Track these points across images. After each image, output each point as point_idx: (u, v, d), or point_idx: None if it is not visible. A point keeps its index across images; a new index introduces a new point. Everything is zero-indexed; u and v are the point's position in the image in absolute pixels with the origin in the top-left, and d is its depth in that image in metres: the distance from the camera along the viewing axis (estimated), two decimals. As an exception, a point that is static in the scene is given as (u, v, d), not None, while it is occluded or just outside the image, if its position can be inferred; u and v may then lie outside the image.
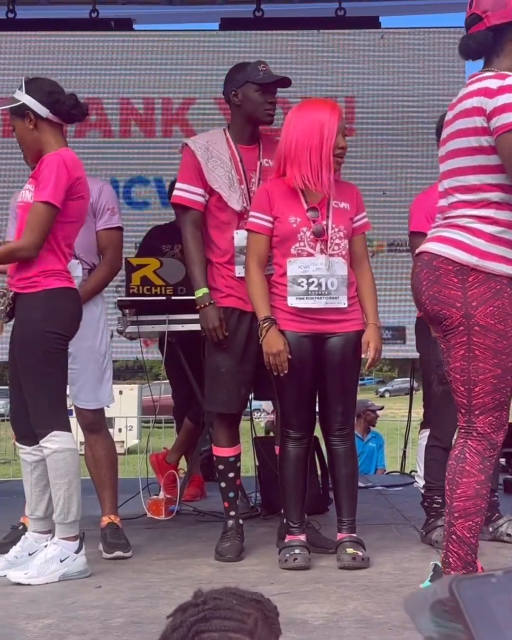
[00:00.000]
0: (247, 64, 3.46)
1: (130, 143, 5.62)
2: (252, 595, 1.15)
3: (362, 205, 3.29)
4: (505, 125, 2.28)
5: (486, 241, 2.33)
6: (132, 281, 4.10)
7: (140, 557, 3.32)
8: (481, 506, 2.34)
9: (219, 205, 3.34)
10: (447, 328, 2.38)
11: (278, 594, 2.69)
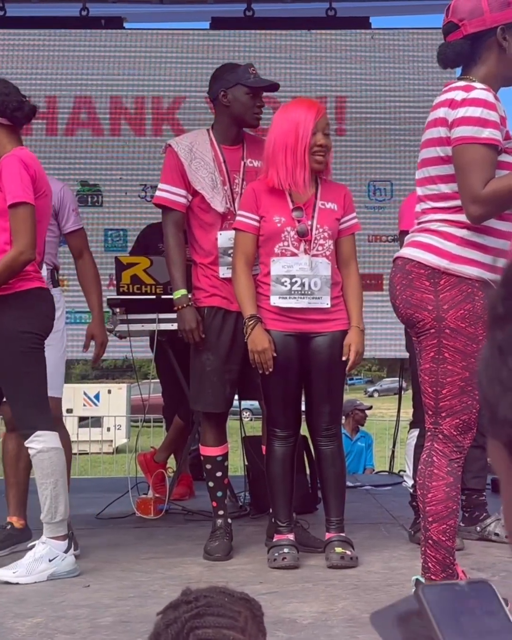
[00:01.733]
0: (237, 66, 3.46)
1: (120, 141, 5.61)
2: (240, 594, 1.16)
3: (351, 206, 3.29)
4: (459, 138, 2.31)
5: (457, 244, 2.35)
6: (122, 280, 4.10)
7: (129, 556, 3.32)
8: (453, 508, 2.35)
9: (202, 206, 3.35)
10: (419, 330, 2.40)
11: (267, 593, 2.69)
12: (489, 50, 2.39)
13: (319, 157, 3.15)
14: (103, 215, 5.59)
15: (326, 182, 3.24)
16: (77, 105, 5.60)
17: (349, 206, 3.27)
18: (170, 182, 3.39)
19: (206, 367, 3.35)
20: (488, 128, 2.28)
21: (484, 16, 2.37)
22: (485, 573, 2.90)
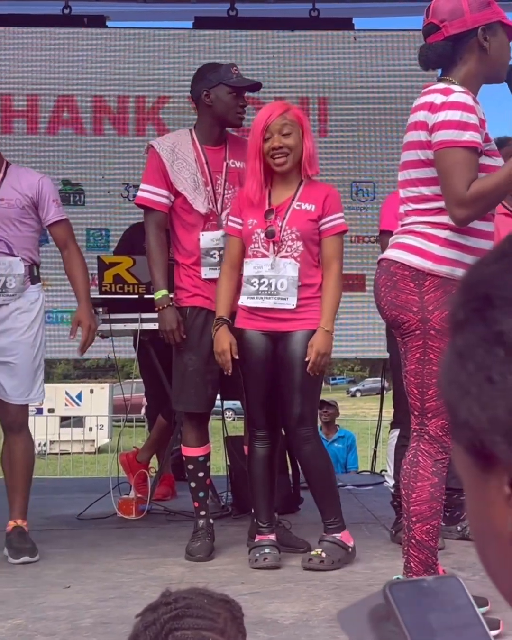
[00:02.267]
0: (219, 65, 3.46)
1: (103, 140, 5.59)
2: (220, 595, 1.16)
3: (335, 207, 3.24)
4: (440, 142, 2.32)
5: (440, 246, 2.36)
6: (105, 279, 4.08)
7: (110, 556, 3.31)
8: (437, 509, 2.35)
9: (185, 207, 3.35)
10: (404, 332, 2.41)
11: (248, 594, 2.69)
12: (470, 51, 2.40)
13: (278, 160, 3.15)
14: (85, 214, 5.57)
15: (310, 182, 3.23)
16: (59, 104, 5.57)
17: (332, 206, 3.22)
18: (152, 182, 3.38)
19: (188, 367, 3.35)
20: (468, 131, 2.29)
21: (465, 17, 2.38)
22: (465, 572, 2.91)
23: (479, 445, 0.51)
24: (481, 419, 0.50)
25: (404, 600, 0.53)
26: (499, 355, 0.50)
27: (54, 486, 5.67)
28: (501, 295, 0.51)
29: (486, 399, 0.50)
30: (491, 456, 0.50)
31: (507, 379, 0.49)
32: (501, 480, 0.50)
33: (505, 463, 0.49)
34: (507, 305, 0.50)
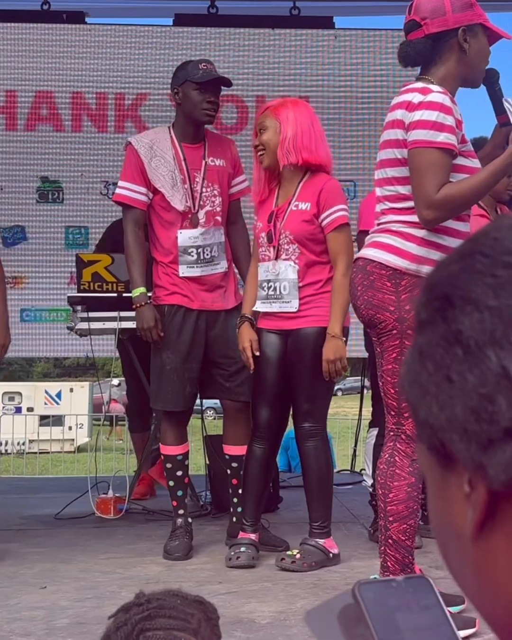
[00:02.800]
0: (190, 62, 3.44)
1: (82, 137, 5.55)
2: (194, 597, 1.15)
3: (330, 201, 3.14)
4: (414, 141, 2.32)
5: (417, 245, 2.36)
6: (83, 277, 4.06)
7: (87, 556, 3.28)
8: (414, 508, 2.36)
9: (163, 205, 3.34)
10: (381, 331, 2.41)
11: (226, 593, 2.68)
12: (449, 51, 2.40)
13: (259, 157, 3.21)
14: (64, 212, 5.54)
15: (310, 178, 3.18)
16: (38, 100, 5.53)
17: (328, 201, 3.13)
18: (130, 179, 3.37)
19: (166, 365, 3.33)
20: (444, 132, 2.29)
21: (447, 16, 2.38)
22: (443, 571, 2.90)
23: (439, 444, 0.51)
24: (440, 418, 0.50)
25: (373, 601, 0.53)
26: (457, 354, 0.50)
27: (32, 485, 5.64)
28: (460, 295, 0.51)
29: (445, 398, 0.50)
30: (451, 455, 0.50)
31: (465, 379, 0.49)
32: (461, 479, 0.50)
33: (464, 462, 0.49)
34: (466, 305, 0.50)
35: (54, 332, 5.49)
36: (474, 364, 0.49)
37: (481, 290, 0.50)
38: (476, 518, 0.49)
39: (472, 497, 0.50)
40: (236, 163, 3.51)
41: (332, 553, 3.11)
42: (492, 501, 0.49)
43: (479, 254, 0.52)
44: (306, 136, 3.16)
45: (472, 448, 0.48)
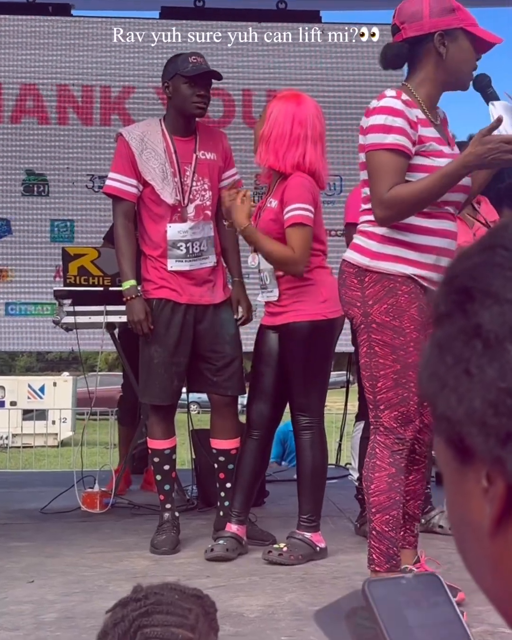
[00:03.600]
0: (180, 55, 3.42)
1: (68, 130, 5.52)
2: (192, 591, 1.15)
3: (289, 198, 3.10)
4: (368, 145, 2.39)
5: (378, 242, 2.42)
6: (69, 271, 4.04)
7: (74, 550, 3.28)
8: (395, 499, 2.38)
9: (152, 198, 3.33)
10: (354, 327, 2.52)
11: (214, 587, 2.69)
12: (427, 56, 2.42)
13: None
14: (49, 205, 5.51)
15: (284, 179, 3.16)
16: (23, 93, 5.50)
17: (289, 198, 3.11)
18: (121, 171, 3.35)
19: (154, 359, 3.33)
20: (391, 134, 2.35)
21: (423, 21, 2.40)
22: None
23: (457, 438, 0.51)
24: (458, 412, 0.50)
25: (382, 598, 0.53)
26: (477, 348, 0.50)
27: (17, 480, 5.62)
28: (480, 288, 0.51)
29: (463, 392, 0.50)
30: (469, 449, 0.50)
31: (484, 372, 0.49)
32: (479, 473, 0.50)
33: (482, 456, 0.49)
34: (486, 298, 0.50)
35: (39, 326, 5.47)
36: (494, 358, 0.49)
37: (501, 283, 0.50)
38: (493, 513, 0.49)
39: (490, 492, 0.50)
40: (227, 156, 3.49)
41: (319, 547, 3.12)
42: (510, 496, 0.49)
43: (500, 247, 0.52)
44: (279, 140, 3.10)
45: (491, 442, 0.48)
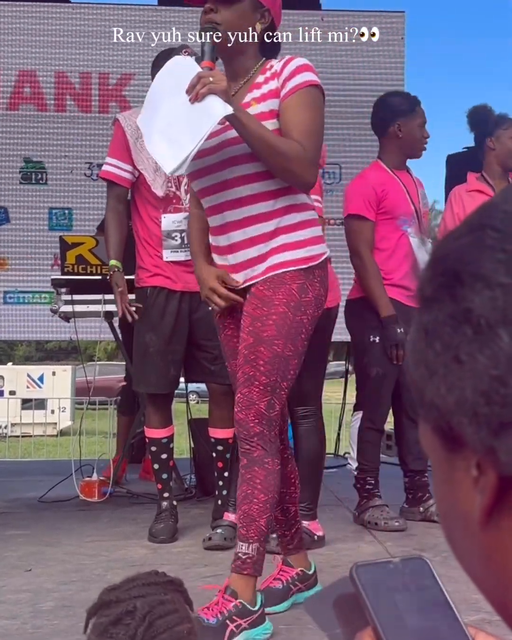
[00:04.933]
0: (172, 50, 3.38)
1: (66, 118, 5.49)
2: (159, 577, 1.15)
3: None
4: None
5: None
6: (67, 259, 4.02)
7: (72, 539, 3.27)
8: (247, 492, 2.16)
9: (147, 186, 3.32)
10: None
11: (212, 576, 2.69)
12: None
13: None
14: (48, 193, 5.48)
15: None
16: (21, 80, 5.46)
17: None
18: (117, 156, 3.36)
19: (149, 347, 3.32)
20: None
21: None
22: (427, 553, 2.93)
23: (446, 427, 0.49)
24: (448, 401, 0.48)
25: (371, 582, 0.52)
26: (467, 334, 0.47)
27: (16, 469, 5.62)
28: (470, 271, 0.48)
29: (453, 380, 0.48)
30: (459, 438, 0.48)
31: (475, 360, 0.47)
32: (469, 462, 0.49)
33: (473, 446, 0.48)
34: (476, 281, 0.48)
35: (37, 315, 5.45)
36: (485, 344, 0.47)
37: (492, 266, 0.47)
38: (484, 503, 0.48)
39: (480, 482, 0.48)
40: None
41: (317, 535, 3.12)
42: (502, 486, 0.47)
43: (490, 228, 0.49)
44: None
45: (483, 432, 0.47)
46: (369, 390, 3.56)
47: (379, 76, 5.62)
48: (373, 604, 0.51)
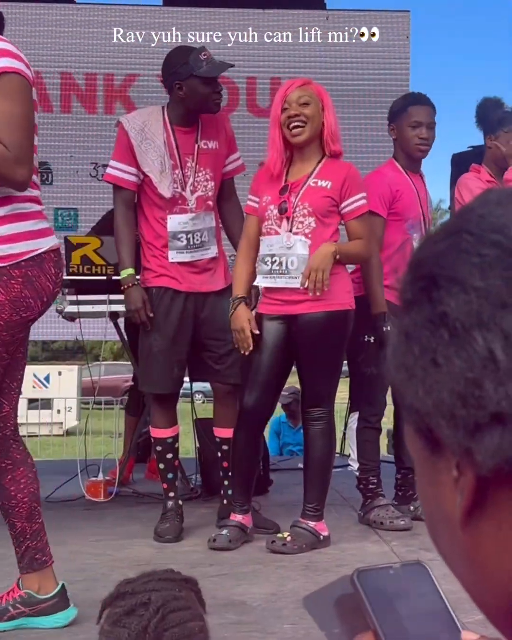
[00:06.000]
0: (189, 52, 3.33)
1: (71, 118, 5.51)
2: (175, 575, 1.16)
3: (356, 188, 3.12)
4: None
5: None
6: (72, 260, 4.03)
7: (77, 538, 3.28)
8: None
9: (153, 188, 3.31)
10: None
11: (217, 575, 2.69)
12: None
13: (294, 130, 3.07)
14: (53, 194, 5.49)
15: (330, 160, 3.15)
16: (27, 81, 5.47)
17: (352, 187, 3.11)
18: (121, 159, 3.34)
19: (153, 347, 3.32)
20: None
21: None
22: (432, 553, 2.91)
23: (426, 429, 0.50)
24: (426, 403, 0.49)
25: (372, 588, 0.53)
26: (443, 337, 0.48)
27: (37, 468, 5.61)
28: (446, 275, 0.49)
29: (431, 383, 0.48)
30: (439, 439, 0.49)
31: (451, 362, 0.48)
32: (450, 463, 0.49)
33: (451, 447, 0.48)
34: (451, 285, 0.48)
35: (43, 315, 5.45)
36: (461, 347, 0.47)
37: (467, 270, 0.48)
38: (464, 504, 0.49)
39: (460, 483, 0.49)
40: (231, 140, 3.47)
41: (323, 535, 3.12)
42: (480, 487, 0.48)
43: (465, 232, 0.50)
44: (337, 125, 3.20)
45: (460, 433, 0.47)
46: (363, 390, 3.58)
47: (385, 76, 5.61)
48: (374, 609, 0.52)
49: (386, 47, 5.61)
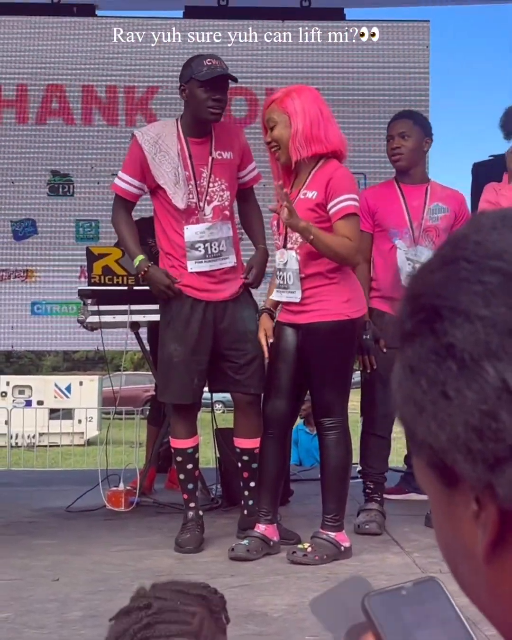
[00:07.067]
0: (197, 57, 3.36)
1: (93, 131, 5.55)
2: (197, 590, 1.14)
3: (338, 189, 3.11)
4: None
5: None
6: (94, 270, 4.06)
7: (98, 548, 3.29)
8: None
9: (169, 199, 3.33)
10: None
11: (238, 586, 2.69)
12: None
13: (275, 153, 3.20)
14: (74, 205, 5.54)
15: (322, 166, 3.17)
16: (49, 94, 5.53)
17: (335, 189, 3.11)
18: (128, 172, 3.40)
19: (173, 357, 3.33)
20: None
21: None
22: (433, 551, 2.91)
23: (440, 463, 0.48)
24: (440, 438, 0.48)
25: (384, 613, 0.51)
26: (452, 369, 0.47)
27: (43, 478, 5.65)
28: (448, 305, 0.48)
29: (443, 417, 0.47)
30: (455, 473, 0.48)
31: (463, 395, 0.46)
32: (467, 497, 0.48)
33: (470, 481, 0.47)
34: (455, 316, 0.47)
35: (65, 326, 5.49)
36: (472, 379, 0.46)
37: (469, 299, 0.47)
38: (487, 539, 0.47)
39: (481, 517, 0.47)
40: (245, 151, 3.47)
41: (344, 546, 3.11)
42: (503, 520, 0.46)
43: (463, 260, 0.48)
44: (316, 126, 3.14)
45: (479, 468, 0.46)
46: (363, 395, 3.65)
47: (404, 87, 5.61)
48: (389, 634, 0.50)
49: (406, 57, 5.61)
